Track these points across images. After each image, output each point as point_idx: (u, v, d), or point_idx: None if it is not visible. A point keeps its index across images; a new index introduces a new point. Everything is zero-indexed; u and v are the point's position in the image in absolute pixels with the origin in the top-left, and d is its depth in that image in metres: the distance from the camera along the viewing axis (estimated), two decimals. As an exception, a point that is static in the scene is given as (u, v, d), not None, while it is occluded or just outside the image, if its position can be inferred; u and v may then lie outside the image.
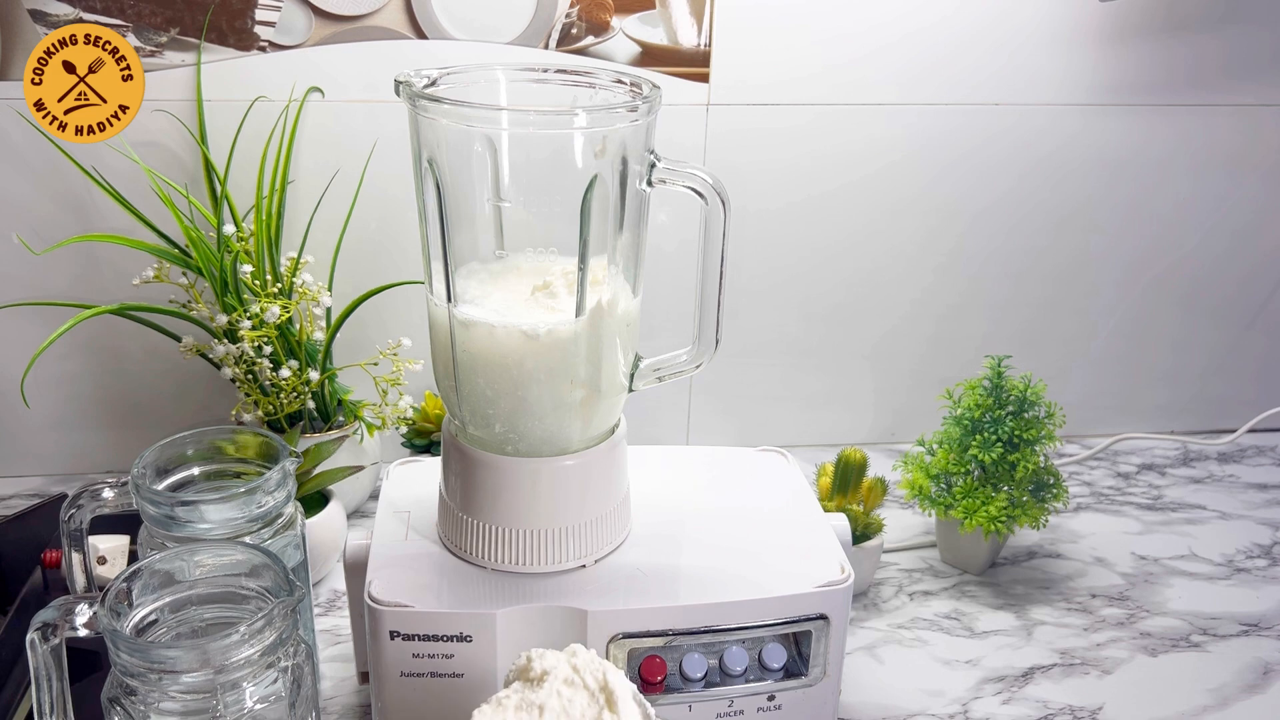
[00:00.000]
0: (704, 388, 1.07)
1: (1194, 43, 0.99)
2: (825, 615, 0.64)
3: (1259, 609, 0.88)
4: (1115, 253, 1.07)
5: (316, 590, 0.86)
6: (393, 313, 0.96)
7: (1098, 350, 1.12)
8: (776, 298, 1.04)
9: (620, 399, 0.66)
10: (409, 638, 0.61)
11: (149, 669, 0.52)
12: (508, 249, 0.63)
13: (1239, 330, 1.13)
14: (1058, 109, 1.00)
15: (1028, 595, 0.89)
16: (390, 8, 0.89)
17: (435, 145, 0.59)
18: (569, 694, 0.51)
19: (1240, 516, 1.01)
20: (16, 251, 0.90)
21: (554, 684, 0.51)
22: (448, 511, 0.66)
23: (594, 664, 0.52)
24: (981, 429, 0.87)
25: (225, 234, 0.86)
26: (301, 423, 0.92)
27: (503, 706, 0.50)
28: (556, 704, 0.50)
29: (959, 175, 1.01)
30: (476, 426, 0.64)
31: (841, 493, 0.86)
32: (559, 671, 0.52)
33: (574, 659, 0.52)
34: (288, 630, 0.55)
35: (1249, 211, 1.07)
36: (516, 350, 0.60)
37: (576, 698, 0.51)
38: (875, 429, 1.12)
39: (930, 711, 0.75)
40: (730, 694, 0.64)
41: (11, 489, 0.99)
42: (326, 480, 0.83)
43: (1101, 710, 0.76)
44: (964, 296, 1.07)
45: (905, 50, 0.96)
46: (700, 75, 0.94)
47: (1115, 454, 1.12)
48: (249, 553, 0.59)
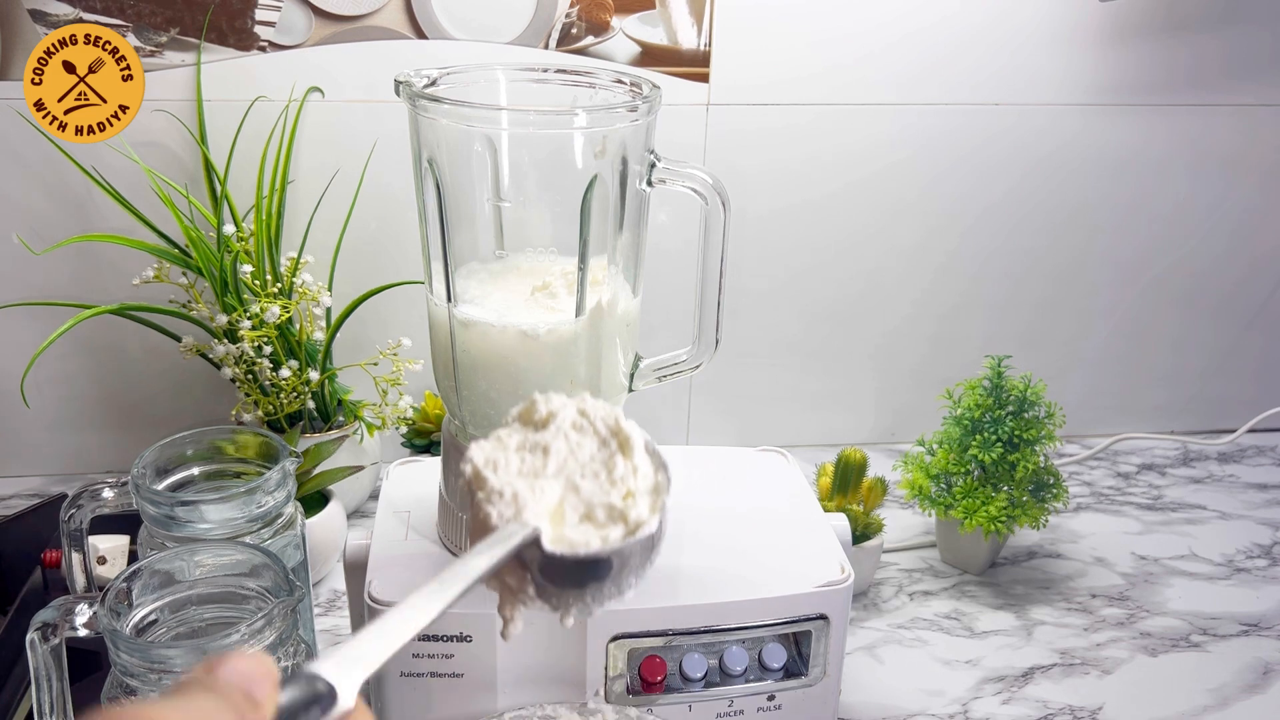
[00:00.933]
0: (704, 388, 1.07)
1: (1194, 43, 0.99)
2: (825, 615, 0.64)
3: (1259, 609, 0.88)
4: (1115, 252, 1.07)
5: (316, 590, 0.86)
6: (393, 313, 0.96)
7: (1098, 350, 1.12)
8: (776, 298, 1.04)
9: (620, 399, 0.66)
10: (409, 638, 0.61)
11: (149, 669, 0.52)
12: (508, 249, 0.63)
13: (1239, 330, 1.13)
14: (1058, 109, 1.00)
15: (1028, 595, 0.89)
16: (390, 8, 0.89)
17: (435, 145, 0.59)
18: (576, 438, 0.46)
19: (1240, 516, 1.01)
20: (16, 251, 0.90)
21: (561, 425, 0.46)
22: (448, 511, 0.66)
23: (604, 410, 0.47)
24: (981, 429, 0.87)
25: (225, 234, 0.86)
26: (301, 423, 0.92)
27: (503, 444, 0.45)
28: (563, 446, 0.45)
29: (960, 176, 1.01)
30: (476, 426, 0.64)
31: (841, 493, 0.86)
32: (566, 415, 0.46)
33: (583, 404, 0.47)
34: (288, 630, 0.55)
35: (1249, 211, 1.07)
36: (516, 350, 0.60)
37: (585, 442, 0.46)
38: (875, 429, 1.12)
39: (930, 711, 0.75)
40: (730, 694, 0.64)
41: (11, 489, 0.99)
42: (326, 480, 0.83)
43: (1101, 710, 0.76)
44: (964, 296, 1.07)
45: (905, 50, 0.96)
46: (700, 75, 0.94)
47: (1115, 454, 1.12)
48: (249, 553, 0.59)
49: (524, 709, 0.62)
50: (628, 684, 0.63)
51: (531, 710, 0.62)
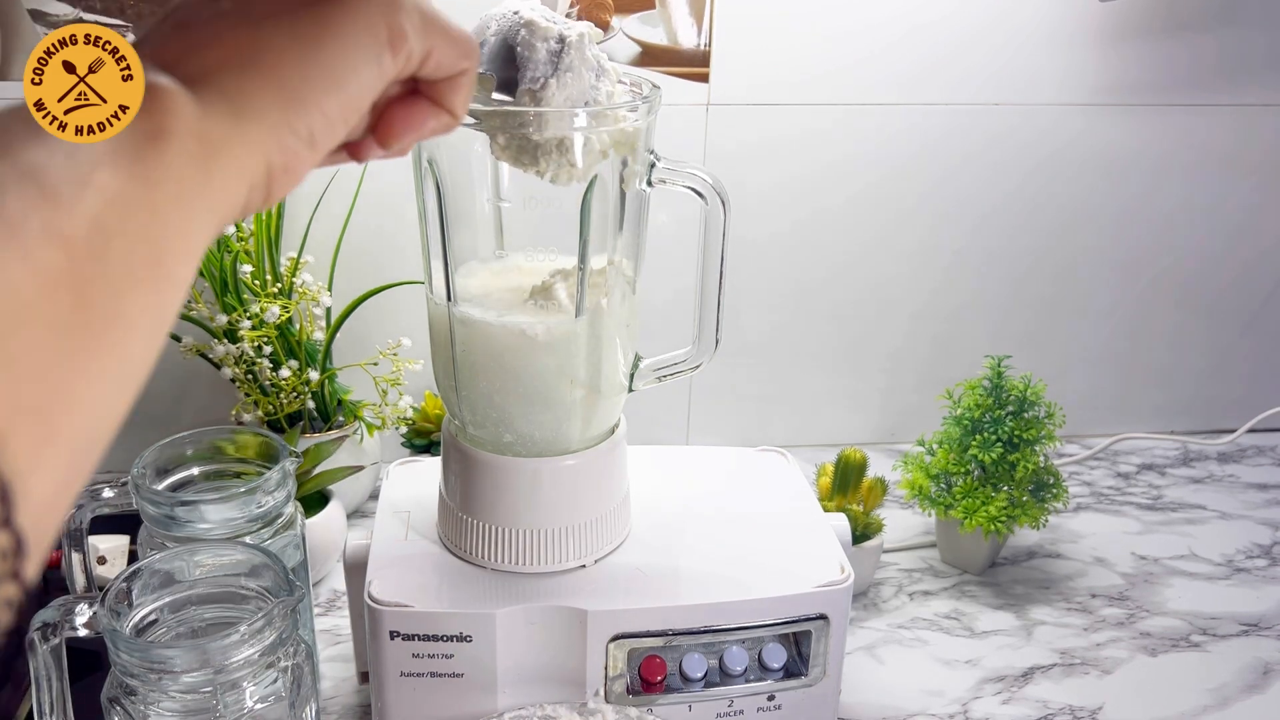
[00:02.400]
0: (704, 388, 1.07)
1: (1194, 43, 0.99)
2: (825, 615, 0.64)
3: (1259, 609, 0.88)
4: (1115, 252, 1.07)
5: (316, 590, 0.86)
6: (393, 313, 0.96)
7: (1098, 350, 1.12)
8: (776, 297, 1.04)
9: (620, 399, 0.66)
10: (409, 638, 0.61)
11: (149, 669, 0.52)
12: (507, 249, 0.63)
13: (1239, 329, 1.13)
14: (1058, 109, 1.00)
15: (1028, 595, 0.89)
16: (390, 8, 0.89)
17: (435, 145, 0.59)
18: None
19: (1240, 516, 1.01)
20: (16, 251, 0.90)
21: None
22: (448, 511, 0.66)
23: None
24: (981, 429, 0.87)
25: (225, 234, 0.86)
26: (301, 423, 0.92)
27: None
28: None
29: (961, 176, 1.01)
30: (476, 426, 0.64)
31: (841, 493, 0.86)
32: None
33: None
34: (288, 630, 0.55)
35: (1249, 211, 1.07)
36: (516, 350, 0.60)
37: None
38: (875, 429, 1.12)
39: (930, 711, 0.75)
40: (730, 694, 0.64)
41: (11, 489, 0.99)
42: (326, 480, 0.83)
43: (1101, 710, 0.76)
44: (964, 297, 1.07)
45: (905, 51, 0.96)
46: (700, 75, 0.94)
47: (1115, 454, 1.12)
48: (249, 553, 0.59)
49: (524, 709, 0.62)
50: (628, 684, 0.63)
51: (531, 710, 0.62)
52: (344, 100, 0.32)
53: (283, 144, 0.30)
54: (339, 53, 0.31)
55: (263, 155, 0.30)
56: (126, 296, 0.25)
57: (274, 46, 0.30)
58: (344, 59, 0.31)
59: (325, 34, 0.31)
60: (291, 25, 0.30)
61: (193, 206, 0.28)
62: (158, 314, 0.27)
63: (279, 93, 0.30)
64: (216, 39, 0.30)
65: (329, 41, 0.31)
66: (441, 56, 0.35)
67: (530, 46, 0.52)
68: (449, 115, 0.37)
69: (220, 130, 0.29)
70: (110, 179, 0.26)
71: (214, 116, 0.28)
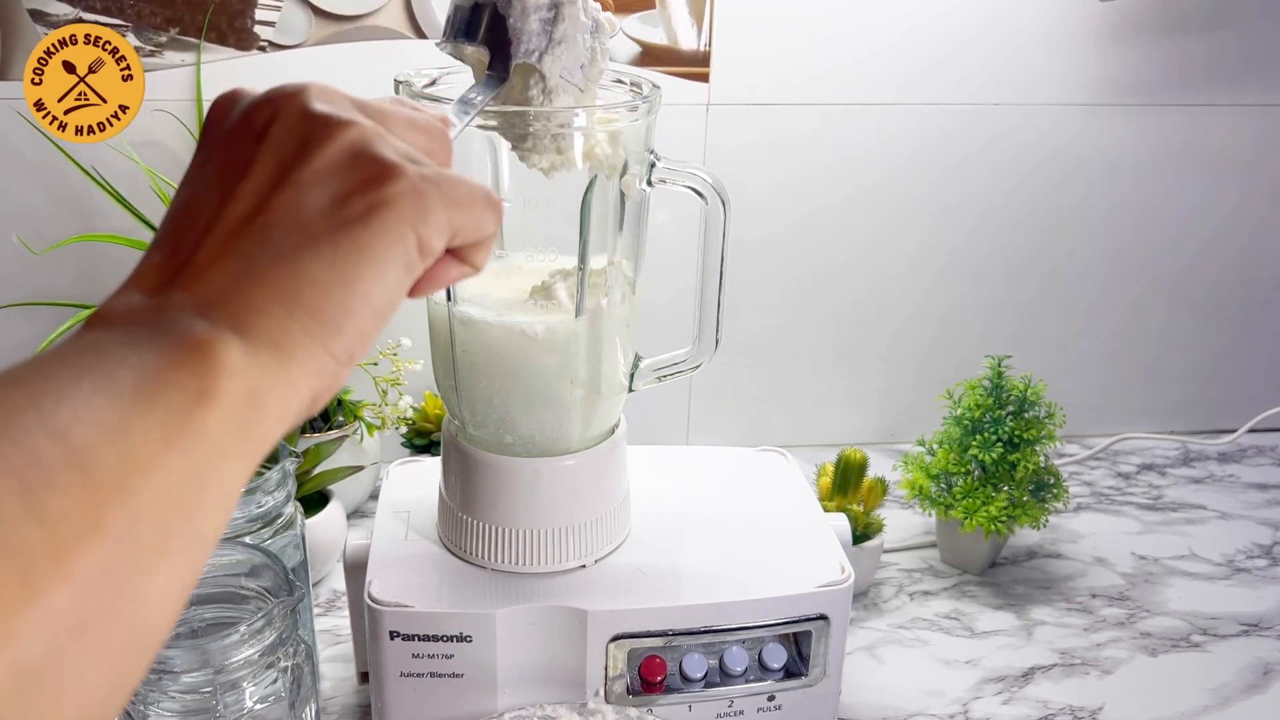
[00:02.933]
0: (704, 388, 1.07)
1: (1194, 43, 0.99)
2: (825, 615, 0.64)
3: (1259, 609, 0.88)
4: (1116, 251, 1.07)
5: (316, 590, 0.86)
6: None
7: (1098, 350, 1.12)
8: (776, 297, 1.04)
9: (620, 399, 0.66)
10: (409, 638, 0.61)
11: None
12: (507, 249, 0.63)
13: (1240, 329, 1.13)
14: (1058, 109, 1.00)
15: (1028, 595, 0.89)
16: (390, 8, 0.89)
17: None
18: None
19: (1240, 516, 1.01)
20: (16, 251, 0.90)
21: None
22: (448, 511, 0.66)
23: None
24: (982, 429, 0.87)
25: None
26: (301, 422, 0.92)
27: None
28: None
29: (961, 176, 1.01)
30: (476, 426, 0.64)
31: (841, 493, 0.86)
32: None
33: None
34: (288, 630, 0.55)
35: (1249, 211, 1.07)
36: (516, 350, 0.60)
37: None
38: (875, 429, 1.12)
39: (930, 711, 0.75)
40: (730, 694, 0.64)
41: (11, 489, 0.99)
42: (326, 480, 0.83)
43: (1101, 710, 0.76)
44: (965, 296, 1.07)
45: (905, 51, 0.96)
46: (700, 75, 0.94)
47: (1115, 454, 1.12)
48: (249, 553, 0.59)
49: (524, 709, 0.62)
50: (628, 684, 0.63)
51: (531, 710, 0.62)
52: (377, 314, 0.32)
53: (323, 371, 0.30)
54: (375, 276, 0.31)
55: (308, 390, 0.30)
56: (148, 577, 0.25)
57: (314, 282, 0.30)
58: (379, 281, 0.31)
59: (362, 261, 0.31)
60: (331, 257, 0.30)
61: (231, 458, 0.27)
62: (181, 584, 0.26)
63: (322, 329, 0.30)
64: (256, 276, 0.30)
65: (366, 269, 0.31)
66: (466, 235, 0.34)
67: (524, 17, 0.51)
68: (471, 268, 0.37)
69: (265, 379, 0.29)
70: (153, 453, 0.25)
71: (259, 363, 0.28)
